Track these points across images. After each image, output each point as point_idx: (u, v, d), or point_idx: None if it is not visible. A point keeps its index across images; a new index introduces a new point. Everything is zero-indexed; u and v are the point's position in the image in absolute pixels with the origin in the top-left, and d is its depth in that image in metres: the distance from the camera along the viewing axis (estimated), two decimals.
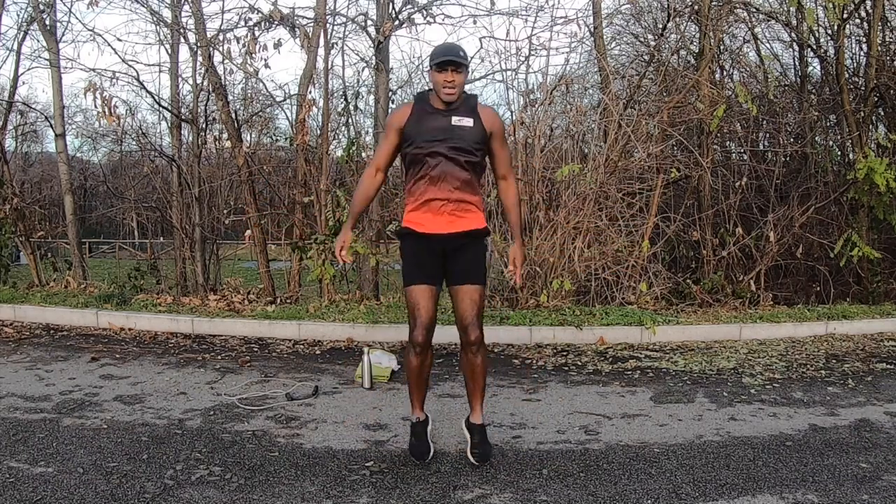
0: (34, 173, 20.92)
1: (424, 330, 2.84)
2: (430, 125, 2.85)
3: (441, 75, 2.80)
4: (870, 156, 6.33)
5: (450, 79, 2.79)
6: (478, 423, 2.99)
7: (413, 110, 2.91)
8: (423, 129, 2.86)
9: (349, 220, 3.13)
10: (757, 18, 7.91)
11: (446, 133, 2.84)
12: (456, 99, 2.85)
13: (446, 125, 2.85)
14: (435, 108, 2.89)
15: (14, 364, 4.44)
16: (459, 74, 2.81)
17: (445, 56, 2.79)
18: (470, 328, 2.87)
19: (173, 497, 2.55)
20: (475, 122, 2.88)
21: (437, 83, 2.82)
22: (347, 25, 6.68)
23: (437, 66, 2.80)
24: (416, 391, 3.02)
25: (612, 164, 6.13)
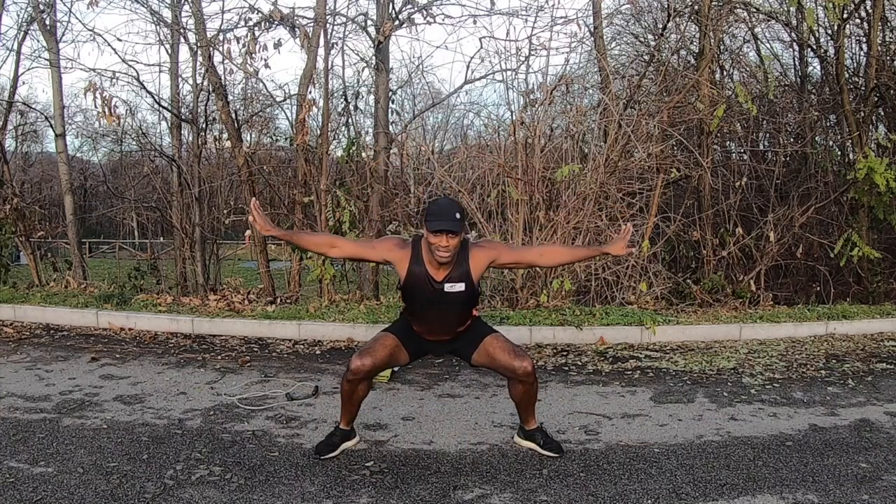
0: (34, 173, 20.92)
1: (371, 365, 2.86)
2: (425, 291, 2.88)
3: (436, 239, 2.74)
4: (870, 156, 6.33)
5: (444, 243, 2.74)
6: (535, 427, 3.10)
7: (409, 264, 2.88)
8: (417, 293, 2.90)
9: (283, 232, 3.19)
10: (757, 18, 7.91)
11: (439, 301, 2.88)
12: (449, 261, 2.82)
13: (440, 293, 2.86)
14: (428, 274, 2.85)
15: (14, 364, 4.44)
16: (454, 239, 2.74)
17: (440, 224, 2.71)
18: (517, 366, 2.91)
19: (173, 497, 2.55)
20: (467, 285, 2.88)
21: (432, 243, 2.76)
22: (347, 25, 6.70)
23: (433, 232, 2.74)
24: (345, 410, 3.03)
25: (612, 164, 6.13)
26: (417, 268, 2.87)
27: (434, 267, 2.84)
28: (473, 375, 4.28)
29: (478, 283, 2.95)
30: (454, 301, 2.89)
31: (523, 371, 2.89)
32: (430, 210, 2.81)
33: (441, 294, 2.86)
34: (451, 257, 2.80)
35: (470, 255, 2.90)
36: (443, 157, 9.29)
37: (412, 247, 2.91)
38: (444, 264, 2.82)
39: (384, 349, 2.90)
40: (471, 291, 2.90)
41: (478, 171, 6.44)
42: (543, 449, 3.03)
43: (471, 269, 2.88)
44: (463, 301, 2.91)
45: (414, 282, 2.88)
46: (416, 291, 2.90)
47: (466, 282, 2.87)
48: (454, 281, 2.86)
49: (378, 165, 6.55)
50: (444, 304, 2.88)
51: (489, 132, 7.70)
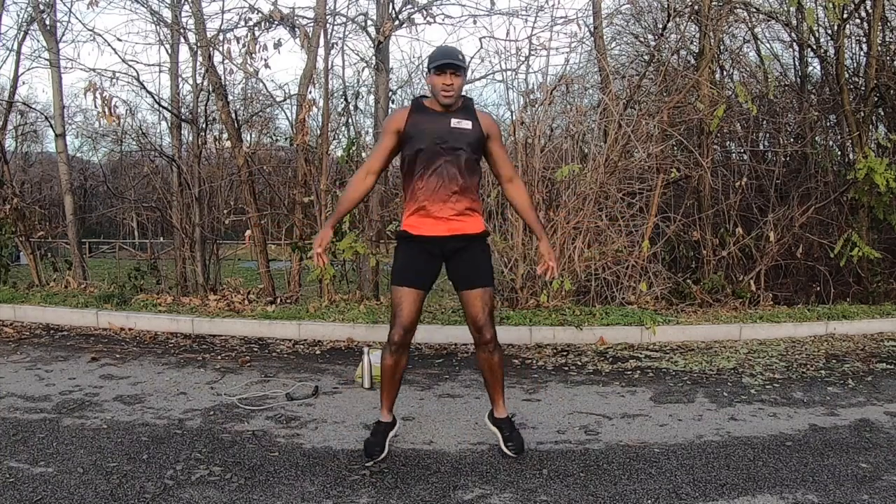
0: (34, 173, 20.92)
1: (403, 330, 2.87)
2: (429, 127, 2.85)
3: (440, 78, 2.80)
4: (870, 156, 6.33)
5: (448, 82, 2.80)
6: (503, 416, 3.06)
7: (410, 113, 2.91)
8: (422, 132, 2.86)
9: (332, 219, 3.09)
10: (757, 18, 7.91)
11: (446, 135, 2.85)
12: (454, 102, 2.86)
13: (445, 127, 2.85)
14: (434, 111, 2.89)
15: (14, 364, 4.44)
16: (458, 78, 2.82)
17: (444, 59, 2.79)
18: (484, 328, 2.92)
19: (173, 497, 2.55)
20: (473, 125, 2.90)
21: (436, 86, 2.83)
22: (347, 25, 6.69)
23: (436, 69, 2.80)
24: (387, 392, 3.03)
25: (612, 164, 6.13)
26: (421, 112, 2.89)
27: (439, 108, 2.87)
28: (473, 375, 4.28)
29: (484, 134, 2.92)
30: (460, 140, 2.85)
31: (484, 336, 2.91)
32: (432, 54, 2.87)
33: (447, 130, 2.84)
34: (455, 97, 2.82)
35: (476, 112, 2.94)
36: None
37: (412, 103, 2.96)
38: (449, 106, 2.84)
39: (407, 303, 2.87)
40: (477, 134, 2.88)
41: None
42: (505, 443, 2.99)
43: (476, 117, 2.91)
44: (469, 144, 2.86)
45: (418, 123, 2.86)
46: (422, 131, 2.84)
47: (473, 122, 2.88)
48: (460, 117, 2.87)
49: None
50: (449, 144, 2.83)
51: None
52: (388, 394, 3.04)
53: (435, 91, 2.85)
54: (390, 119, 2.98)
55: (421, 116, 2.89)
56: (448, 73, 2.79)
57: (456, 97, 2.85)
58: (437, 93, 2.83)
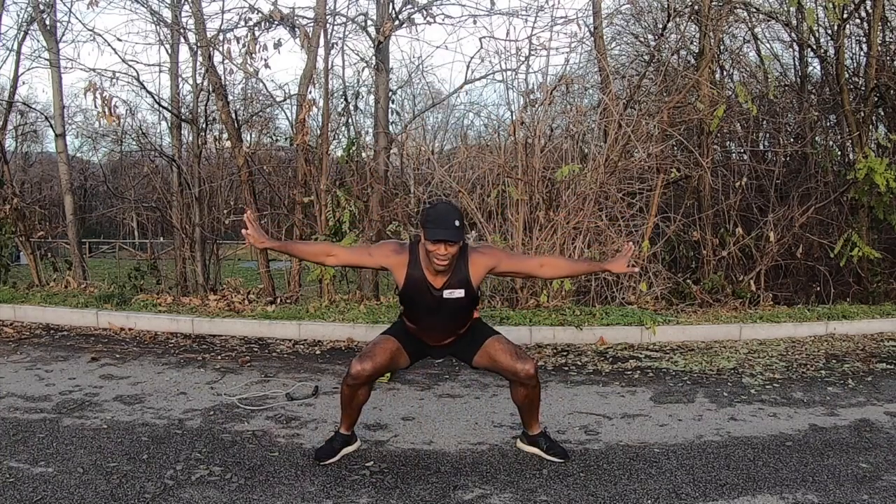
0: (34, 173, 20.91)
1: (372, 369, 2.80)
2: (423, 299, 2.84)
3: (434, 247, 2.68)
4: (870, 156, 6.33)
5: (443, 252, 2.68)
6: (538, 432, 3.05)
7: (408, 267, 2.82)
8: (416, 300, 2.86)
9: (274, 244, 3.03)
10: (757, 18, 7.91)
11: (438, 307, 2.84)
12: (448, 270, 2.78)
13: (439, 300, 2.82)
14: (427, 280, 2.80)
15: (14, 364, 4.44)
16: (453, 248, 2.69)
17: (439, 231, 2.64)
18: (520, 368, 2.85)
19: (173, 497, 2.55)
20: (466, 291, 2.84)
21: (430, 252, 2.70)
22: (347, 25, 6.70)
23: (431, 241, 2.67)
24: (345, 414, 2.99)
25: (612, 164, 6.13)
26: (416, 273, 2.82)
27: (432, 273, 2.79)
28: (473, 375, 4.28)
29: (478, 288, 2.92)
30: (454, 307, 2.86)
31: (525, 373, 2.84)
32: (428, 217, 2.72)
33: (440, 301, 2.82)
34: (449, 265, 2.75)
35: (469, 261, 2.84)
36: (443, 157, 9.29)
37: (409, 252, 2.84)
38: (443, 272, 2.78)
39: (385, 353, 2.85)
40: (471, 297, 2.87)
41: (478, 172, 6.44)
42: (548, 454, 2.98)
43: (470, 275, 2.83)
44: (463, 306, 2.88)
45: (412, 288, 2.84)
46: (415, 298, 2.86)
47: (466, 288, 2.83)
48: (453, 287, 2.82)
49: (378, 165, 6.55)
50: (443, 310, 2.85)
51: (489, 132, 7.71)
52: (347, 416, 2.99)
53: (430, 255, 2.72)
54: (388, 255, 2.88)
55: (415, 279, 2.82)
56: (443, 244, 2.67)
57: (451, 264, 2.76)
58: (431, 258, 2.72)
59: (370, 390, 2.95)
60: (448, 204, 2.92)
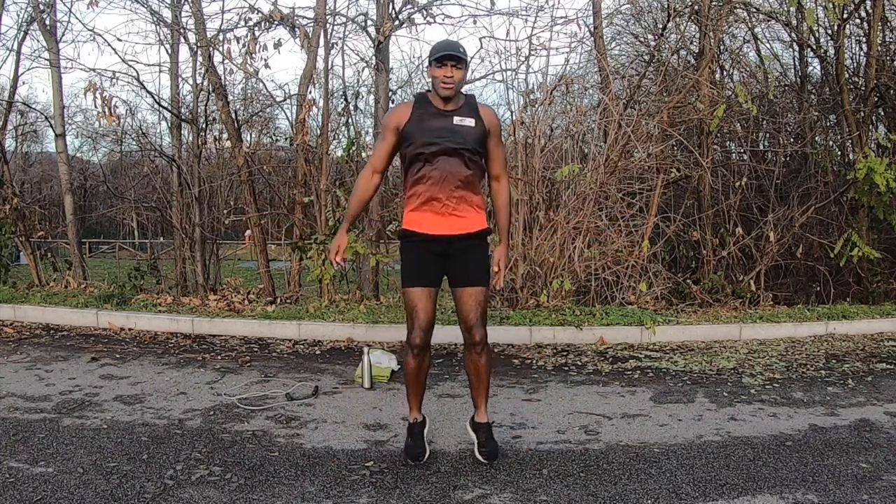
0: (34, 173, 20.92)
1: (423, 332, 2.84)
2: (432, 125, 2.83)
3: (440, 70, 2.78)
4: (870, 156, 6.33)
5: (449, 74, 2.77)
6: (483, 421, 3.01)
7: (413, 110, 2.88)
8: (425, 129, 2.83)
9: (345, 223, 3.07)
10: (757, 18, 7.91)
11: (449, 133, 2.83)
12: (453, 94, 2.84)
13: (448, 125, 2.83)
14: (436, 108, 2.86)
15: (14, 364, 4.44)
16: (459, 70, 2.79)
17: (445, 51, 2.78)
18: (474, 329, 2.88)
19: (173, 497, 2.55)
20: (476, 122, 2.88)
21: (436, 78, 2.80)
22: (347, 25, 6.69)
23: (437, 61, 2.78)
24: (413, 392, 3.02)
25: (612, 164, 6.13)
26: (423, 107, 2.86)
27: (440, 103, 2.84)
28: None
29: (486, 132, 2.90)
30: (463, 137, 2.83)
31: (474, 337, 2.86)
32: (433, 47, 2.84)
33: (450, 127, 2.82)
34: (455, 89, 2.80)
35: (478, 106, 2.92)
36: None
37: (414, 99, 2.93)
38: (449, 99, 2.82)
39: (422, 301, 2.84)
40: (480, 131, 2.87)
41: None
42: (479, 448, 2.94)
43: (480, 114, 2.89)
44: (471, 140, 2.84)
45: (420, 119, 2.83)
46: (424, 129, 2.82)
47: (476, 119, 2.86)
48: (463, 115, 2.85)
49: None
50: (451, 140, 2.81)
51: None
52: (415, 394, 3.01)
53: (435, 84, 2.82)
54: (391, 115, 2.95)
55: (423, 113, 2.86)
56: (449, 66, 2.77)
57: (456, 90, 2.83)
58: (437, 85, 2.80)
59: (430, 355, 2.98)
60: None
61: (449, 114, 2.85)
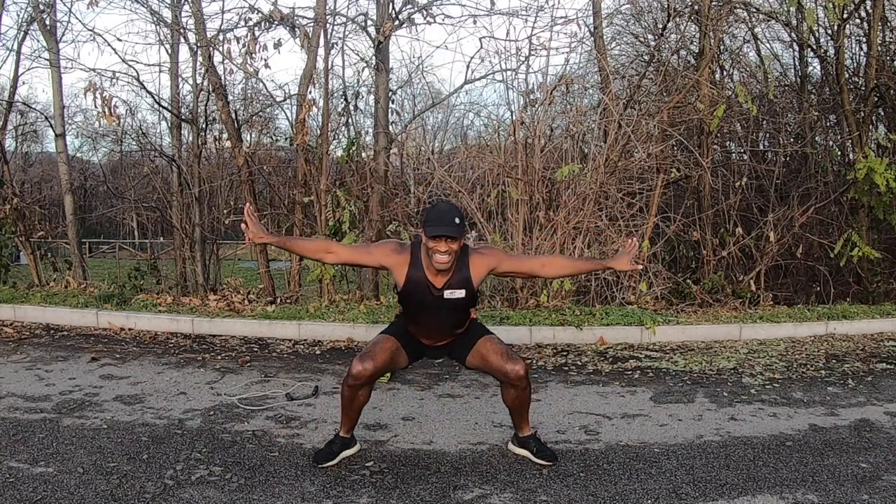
0: (34, 173, 20.90)
1: (372, 369, 2.77)
2: (424, 298, 2.82)
3: (434, 244, 2.68)
4: (870, 156, 6.33)
5: (443, 249, 2.68)
6: (528, 434, 3.04)
7: (408, 267, 2.82)
8: (415, 299, 2.84)
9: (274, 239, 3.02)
10: (757, 18, 7.91)
11: (438, 307, 2.83)
12: (448, 267, 2.76)
13: (440, 300, 2.81)
14: (428, 280, 2.80)
15: (14, 364, 4.44)
16: (454, 244, 2.69)
17: (439, 228, 2.64)
18: (509, 369, 2.83)
19: (173, 497, 2.55)
20: (467, 291, 2.83)
21: (430, 249, 2.70)
22: (347, 25, 6.70)
23: (431, 238, 2.67)
24: (345, 415, 2.94)
25: (612, 164, 6.13)
26: (416, 273, 2.81)
27: (433, 273, 2.78)
28: (473, 376, 4.28)
29: (477, 288, 2.91)
30: (454, 307, 2.85)
31: (515, 374, 2.82)
32: (428, 215, 2.73)
33: (441, 301, 2.81)
34: (450, 264, 2.73)
35: (470, 262, 2.84)
36: (443, 157, 9.30)
37: (411, 251, 2.84)
38: (444, 271, 2.77)
39: (384, 353, 2.83)
40: (470, 297, 2.86)
41: (478, 171, 6.44)
42: (537, 457, 2.95)
43: (471, 275, 2.83)
44: (462, 306, 2.88)
45: (413, 288, 2.82)
46: (415, 298, 2.84)
47: (466, 288, 2.82)
48: (454, 287, 2.81)
49: (378, 165, 6.55)
50: (443, 309, 2.84)
51: (489, 132, 7.71)
52: (346, 419, 2.95)
53: (429, 253, 2.72)
54: (389, 251, 2.88)
55: (416, 280, 2.81)
56: (444, 241, 2.67)
57: (452, 261, 2.74)
58: (432, 256, 2.71)
59: (370, 391, 2.93)
60: (448, 203, 2.93)
61: (440, 290, 2.80)
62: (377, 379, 2.92)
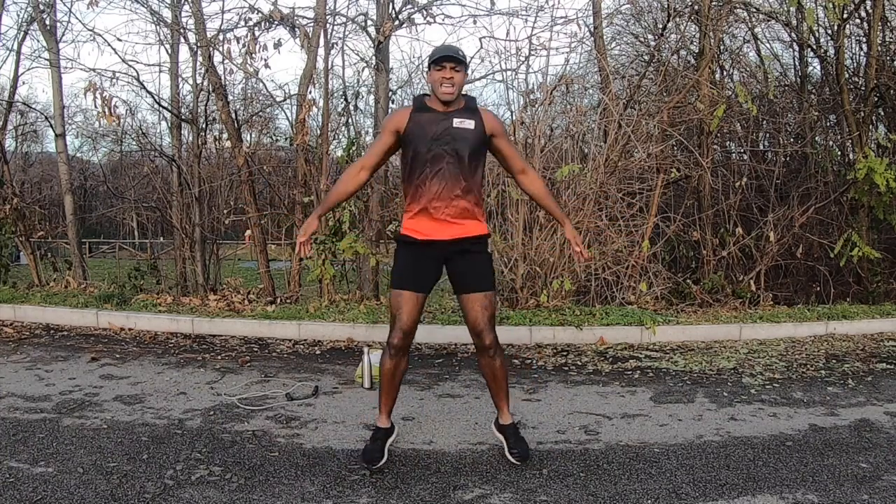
0: (34, 173, 20.91)
1: (403, 334, 2.83)
2: (432, 128, 2.81)
3: (439, 73, 2.77)
4: (870, 156, 6.32)
5: (448, 76, 2.76)
6: (508, 422, 3.02)
7: (412, 113, 2.87)
8: (424, 133, 2.82)
9: (318, 209, 3.05)
10: (757, 18, 7.91)
11: (448, 136, 2.81)
12: (454, 97, 2.82)
13: (448, 127, 2.81)
14: (436, 111, 2.85)
15: (14, 364, 4.44)
16: (458, 73, 2.78)
17: (444, 53, 2.78)
18: (484, 333, 2.87)
19: (173, 497, 2.55)
20: (476, 124, 2.85)
21: (436, 81, 2.79)
22: (347, 25, 6.70)
23: (436, 63, 2.77)
24: (385, 395, 2.97)
25: (612, 164, 6.13)
26: (422, 112, 2.85)
27: (440, 106, 2.83)
28: (473, 375, 4.28)
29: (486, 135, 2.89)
30: (463, 140, 2.80)
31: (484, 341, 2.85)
32: (433, 51, 2.85)
33: (449, 130, 2.79)
34: (455, 93, 2.78)
35: (480, 110, 2.90)
36: None
37: (413, 102, 2.93)
38: (450, 103, 2.80)
39: (408, 304, 2.82)
40: (480, 134, 2.84)
41: None
42: (509, 450, 2.94)
43: (481, 118, 2.87)
44: (472, 144, 2.82)
45: (419, 123, 2.81)
46: (423, 133, 2.80)
47: (476, 121, 2.84)
48: (463, 116, 2.82)
49: None
50: (451, 145, 2.79)
51: None
52: (386, 397, 2.98)
53: (435, 87, 2.80)
54: (391, 118, 2.94)
55: (422, 116, 2.85)
56: (448, 68, 2.76)
57: (456, 93, 2.81)
58: (437, 88, 2.79)
59: (408, 360, 2.96)
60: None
61: (448, 115, 2.83)
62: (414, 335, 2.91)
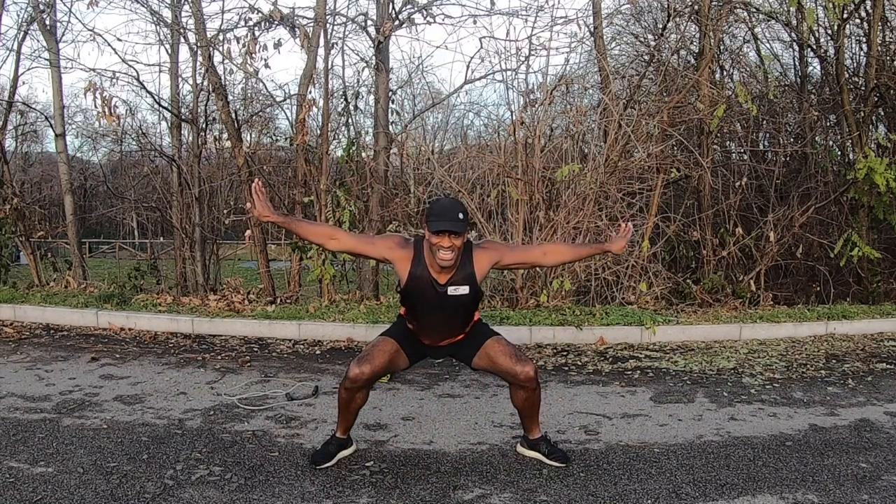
0: (34, 173, 20.90)
1: (369, 372, 2.75)
2: (428, 293, 2.78)
3: (438, 239, 2.64)
4: (870, 156, 6.32)
5: (447, 245, 2.64)
6: (538, 436, 3.00)
7: (411, 264, 2.79)
8: (421, 296, 2.80)
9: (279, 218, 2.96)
10: (757, 18, 7.91)
11: (442, 305, 2.80)
12: (452, 264, 2.72)
13: (443, 297, 2.78)
14: (431, 277, 2.77)
15: (14, 364, 4.44)
16: (457, 240, 2.66)
17: (442, 223, 2.62)
18: (519, 371, 2.81)
19: (173, 497, 2.55)
20: (471, 288, 2.81)
21: (433, 245, 2.67)
22: (347, 25, 6.70)
23: (435, 234, 2.64)
24: (342, 417, 2.92)
25: (612, 164, 6.13)
26: (419, 270, 2.78)
27: (436, 270, 2.75)
28: (473, 376, 4.28)
29: (481, 284, 2.89)
30: (457, 305, 2.81)
31: (525, 376, 2.80)
32: (431, 210, 2.72)
33: (444, 298, 2.77)
34: (453, 260, 2.70)
35: (473, 258, 2.81)
36: (443, 157, 9.29)
37: (414, 247, 2.81)
38: (447, 268, 2.73)
39: (383, 355, 2.80)
40: (474, 294, 2.83)
41: (478, 171, 6.44)
42: (549, 459, 2.93)
43: (475, 270, 2.80)
44: (466, 304, 2.84)
45: (416, 285, 2.79)
46: (418, 295, 2.81)
47: (470, 284, 2.79)
48: (458, 284, 2.77)
49: (378, 165, 6.55)
50: (447, 308, 2.80)
51: (489, 132, 7.72)
52: (343, 420, 2.93)
53: (432, 249, 2.69)
54: (392, 245, 2.85)
55: (420, 278, 2.78)
56: (447, 236, 2.64)
57: (456, 258, 2.70)
58: (435, 252, 2.68)
59: (368, 394, 2.91)
60: (451, 198, 2.92)
61: (444, 287, 2.77)
62: (374, 383, 2.89)
